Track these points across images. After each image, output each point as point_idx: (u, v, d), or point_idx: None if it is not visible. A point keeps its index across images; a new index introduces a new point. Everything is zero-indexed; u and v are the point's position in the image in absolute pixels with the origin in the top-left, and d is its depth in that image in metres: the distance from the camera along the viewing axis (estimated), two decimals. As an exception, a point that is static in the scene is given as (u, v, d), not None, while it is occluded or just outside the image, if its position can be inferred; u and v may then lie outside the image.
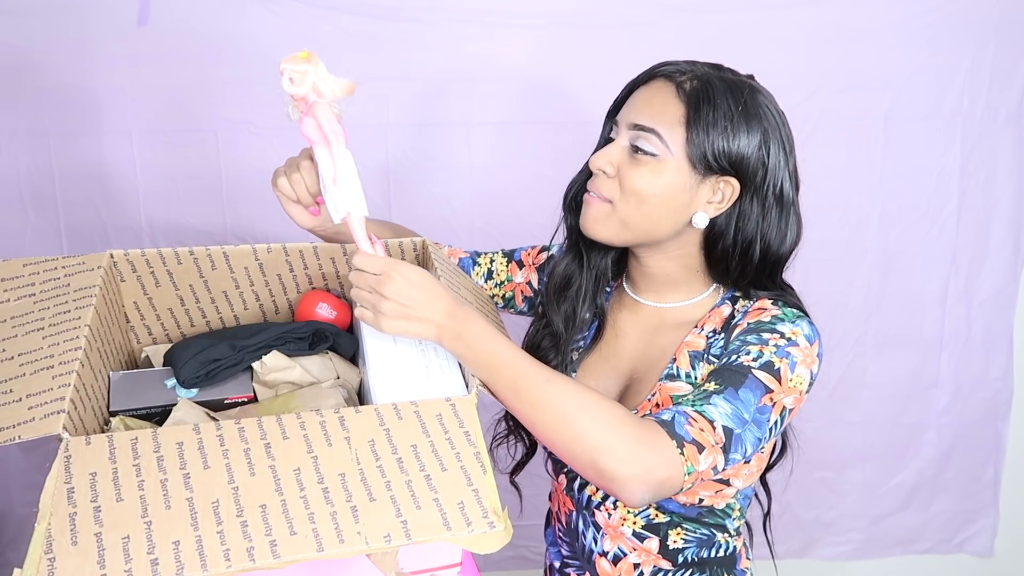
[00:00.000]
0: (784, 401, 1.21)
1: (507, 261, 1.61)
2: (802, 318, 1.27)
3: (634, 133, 1.29)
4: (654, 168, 1.27)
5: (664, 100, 1.28)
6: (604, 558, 1.43)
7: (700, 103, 1.26)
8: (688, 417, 1.15)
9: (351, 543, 0.97)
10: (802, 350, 1.23)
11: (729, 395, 1.18)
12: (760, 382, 1.19)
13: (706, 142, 1.25)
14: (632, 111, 1.31)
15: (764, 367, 1.20)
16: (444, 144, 2.12)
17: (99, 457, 1.05)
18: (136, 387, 1.36)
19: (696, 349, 1.32)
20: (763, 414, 1.19)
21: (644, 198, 1.28)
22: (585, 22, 2.03)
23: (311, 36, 1.98)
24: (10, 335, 1.27)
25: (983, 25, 2.13)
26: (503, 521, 1.02)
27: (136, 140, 2.02)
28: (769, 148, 1.28)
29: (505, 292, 1.61)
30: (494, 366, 1.15)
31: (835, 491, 2.51)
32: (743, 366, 1.21)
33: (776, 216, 1.32)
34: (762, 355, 1.21)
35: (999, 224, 2.30)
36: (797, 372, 1.22)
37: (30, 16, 1.91)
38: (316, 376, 1.42)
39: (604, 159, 1.31)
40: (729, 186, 1.28)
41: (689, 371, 1.31)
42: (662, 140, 1.26)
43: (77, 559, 0.92)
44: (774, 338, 1.23)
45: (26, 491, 2.20)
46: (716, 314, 1.35)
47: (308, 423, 1.11)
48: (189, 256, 1.51)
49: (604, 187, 1.31)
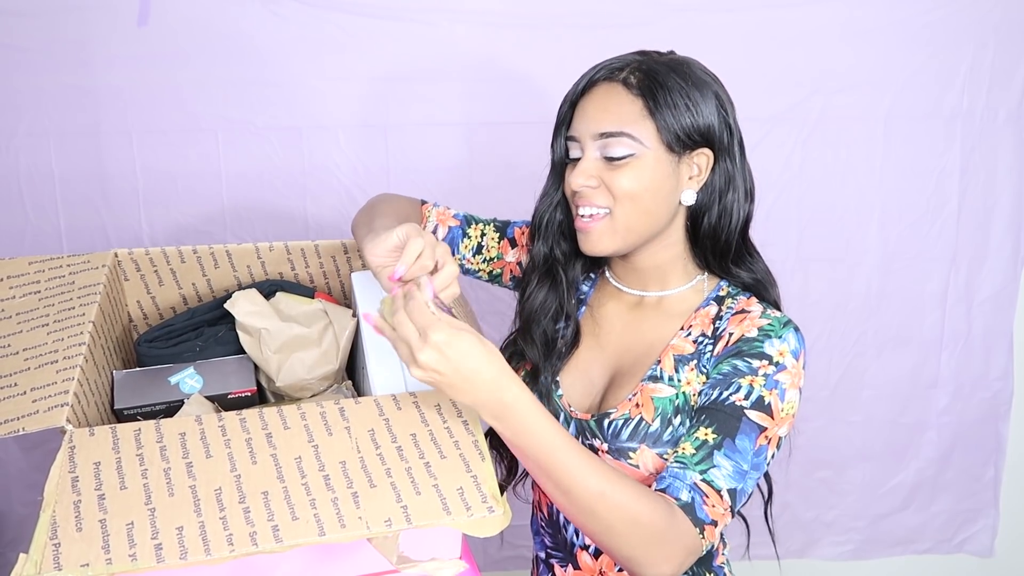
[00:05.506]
0: (779, 433, 1.24)
1: (499, 236, 1.58)
2: (787, 326, 1.28)
3: (602, 142, 1.29)
4: (634, 167, 1.28)
5: (618, 101, 1.29)
6: (586, 551, 1.42)
7: (654, 90, 1.28)
8: (703, 495, 1.18)
9: (352, 528, 0.97)
10: (790, 372, 1.25)
11: (727, 449, 1.20)
12: (754, 424, 1.22)
13: (674, 124, 1.27)
14: (590, 122, 1.31)
15: (756, 405, 1.22)
16: (444, 144, 2.12)
17: (103, 447, 1.05)
18: (140, 385, 1.37)
19: (681, 353, 1.32)
20: (760, 455, 1.22)
21: (637, 196, 1.29)
22: (585, 22, 2.03)
23: (311, 36, 1.99)
24: (15, 330, 1.28)
25: (983, 25, 2.13)
26: (502, 506, 1.02)
27: (136, 140, 2.02)
28: (725, 108, 1.32)
29: (494, 269, 1.59)
30: (536, 457, 1.11)
31: (835, 491, 2.50)
32: (735, 408, 1.22)
33: (742, 167, 1.35)
34: (752, 390, 1.23)
35: (999, 224, 2.30)
36: (787, 399, 1.24)
37: (30, 16, 1.91)
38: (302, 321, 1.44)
39: (583, 175, 1.31)
40: (703, 156, 1.31)
41: (673, 375, 1.31)
42: (633, 139, 1.27)
43: (82, 544, 0.93)
44: (763, 366, 1.24)
45: (26, 491, 2.20)
46: (702, 316, 1.35)
47: (309, 413, 1.12)
48: (192, 254, 1.53)
49: (597, 198, 1.31)
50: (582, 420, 1.36)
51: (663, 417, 1.28)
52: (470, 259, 1.58)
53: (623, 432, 1.30)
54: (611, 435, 1.31)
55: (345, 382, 1.48)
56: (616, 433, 1.30)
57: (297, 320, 1.44)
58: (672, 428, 1.28)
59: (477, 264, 1.59)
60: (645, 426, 1.29)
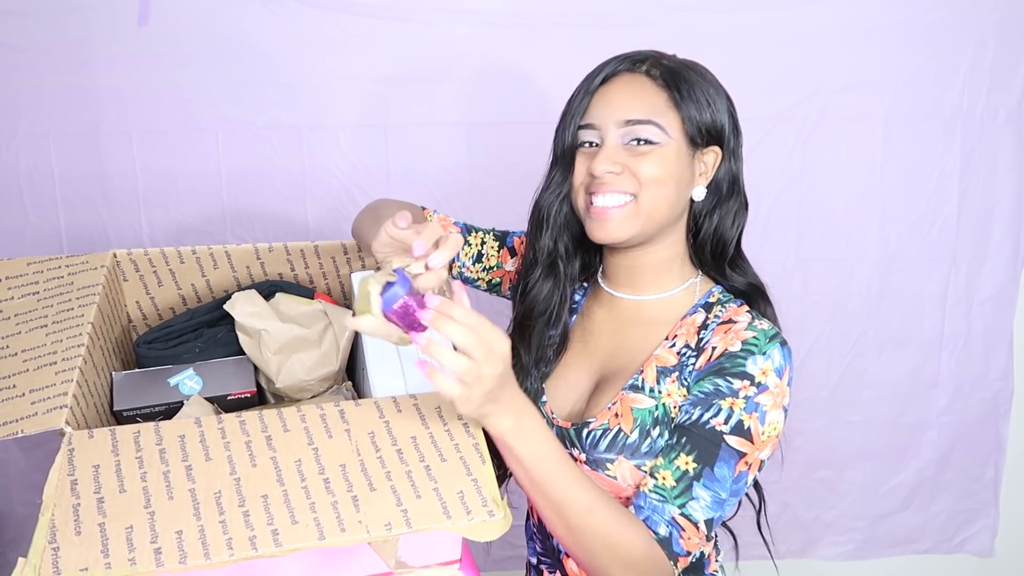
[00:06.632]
0: (760, 456, 1.24)
1: (499, 246, 1.58)
2: (773, 341, 1.25)
3: (627, 129, 1.29)
4: (658, 154, 1.28)
5: (644, 90, 1.30)
6: (572, 559, 1.42)
7: (678, 84, 1.30)
8: (680, 530, 1.20)
9: (352, 531, 0.97)
10: (772, 393, 1.23)
11: (706, 479, 1.21)
12: (733, 450, 1.22)
13: (697, 117, 1.30)
14: (615, 109, 1.30)
15: (735, 430, 1.22)
16: (444, 144, 2.12)
17: (102, 450, 1.05)
18: (139, 386, 1.37)
19: (664, 365, 1.31)
20: (739, 482, 1.23)
21: (663, 182, 1.29)
22: (585, 22, 2.03)
23: (311, 36, 1.99)
24: (14, 332, 1.28)
25: (983, 25, 2.13)
26: (502, 509, 1.02)
27: (136, 140, 2.02)
28: (733, 110, 1.35)
29: (493, 278, 1.59)
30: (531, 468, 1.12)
31: (835, 491, 2.50)
32: (715, 433, 1.22)
33: (741, 171, 1.37)
34: (732, 414, 1.22)
35: (999, 224, 2.30)
36: (768, 421, 1.23)
37: (30, 16, 1.91)
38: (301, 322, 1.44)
39: (607, 161, 1.29)
40: (712, 154, 1.33)
41: (654, 386, 1.30)
42: (660, 127, 1.28)
43: (81, 548, 0.93)
44: (744, 387, 1.23)
45: (26, 491, 2.20)
46: (688, 325, 1.33)
47: (308, 416, 1.12)
48: (191, 255, 1.52)
49: (621, 183, 1.29)
50: (563, 428, 1.35)
51: (641, 428, 1.27)
52: (470, 267, 1.57)
53: (601, 443, 1.29)
54: (589, 445, 1.30)
55: (345, 383, 1.48)
56: (594, 443, 1.30)
57: (297, 321, 1.44)
58: (651, 439, 1.27)
59: (476, 273, 1.58)
60: (623, 437, 1.28)
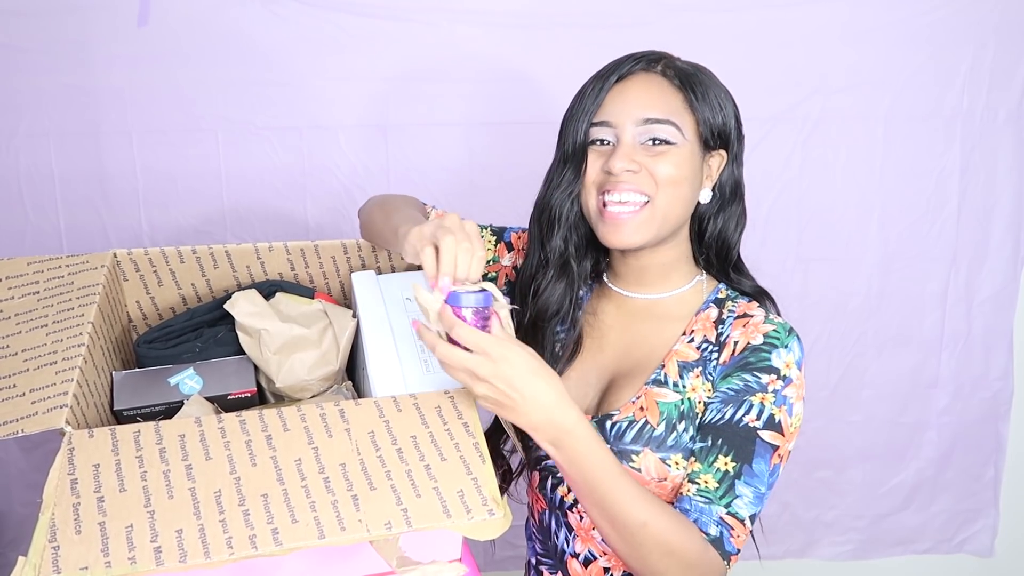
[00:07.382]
0: (789, 447, 1.26)
1: (495, 240, 1.57)
2: (791, 334, 1.29)
3: (646, 128, 1.28)
4: (675, 155, 1.28)
5: (662, 90, 1.30)
6: (575, 559, 1.41)
7: (693, 86, 1.31)
8: (729, 528, 1.21)
9: (352, 530, 0.97)
10: (795, 385, 1.27)
11: (746, 476, 1.23)
12: (767, 444, 1.24)
13: (711, 120, 1.30)
14: (633, 107, 1.29)
15: (767, 424, 1.24)
16: (444, 144, 2.12)
17: (102, 449, 1.05)
18: (139, 386, 1.37)
19: (686, 360, 1.32)
20: (774, 475, 1.25)
21: (679, 183, 1.29)
22: (585, 22, 2.03)
23: (311, 36, 1.99)
24: (14, 331, 1.27)
25: (983, 25, 2.13)
26: (502, 508, 1.02)
27: (136, 140, 2.02)
28: (739, 115, 1.36)
29: (488, 272, 1.57)
30: (589, 484, 1.15)
31: (835, 491, 2.50)
32: (749, 429, 1.24)
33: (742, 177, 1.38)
34: (764, 409, 1.24)
35: (999, 224, 2.30)
36: (795, 413, 1.26)
37: (30, 16, 1.91)
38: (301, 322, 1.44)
39: (625, 159, 1.28)
40: (718, 157, 1.34)
41: (677, 380, 1.31)
42: (677, 128, 1.28)
43: (81, 547, 0.93)
44: (771, 381, 1.25)
45: (26, 491, 2.20)
46: (703, 320, 1.35)
47: (308, 415, 1.12)
48: (192, 255, 1.52)
49: (639, 182, 1.28)
50: None
51: (668, 422, 1.28)
52: None
53: (627, 434, 1.29)
54: (614, 437, 1.30)
55: (345, 383, 1.47)
56: (620, 435, 1.30)
57: (297, 321, 1.44)
58: (676, 434, 1.28)
59: None
60: (650, 429, 1.28)
